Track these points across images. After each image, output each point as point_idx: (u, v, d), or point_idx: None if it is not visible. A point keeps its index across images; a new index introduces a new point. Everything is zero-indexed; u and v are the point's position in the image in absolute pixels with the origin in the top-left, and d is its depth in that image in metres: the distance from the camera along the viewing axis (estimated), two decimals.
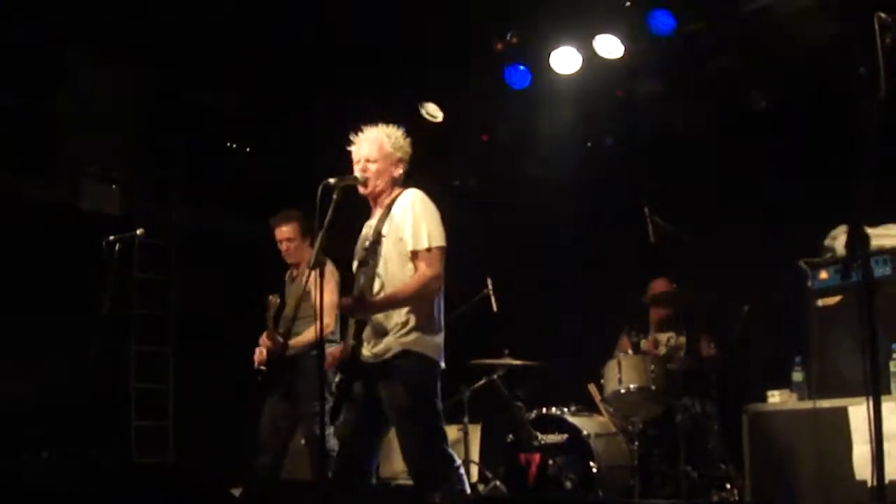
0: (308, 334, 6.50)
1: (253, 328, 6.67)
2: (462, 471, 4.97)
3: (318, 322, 4.75)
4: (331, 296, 6.59)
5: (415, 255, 4.90)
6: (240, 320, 7.39)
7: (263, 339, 6.55)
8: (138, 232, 7.27)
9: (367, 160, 5.10)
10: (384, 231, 4.99)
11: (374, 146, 5.12)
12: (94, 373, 7.58)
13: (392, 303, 4.91)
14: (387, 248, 4.97)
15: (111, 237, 7.06)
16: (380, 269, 4.96)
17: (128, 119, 8.57)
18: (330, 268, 6.69)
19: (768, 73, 7.86)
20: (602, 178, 9.20)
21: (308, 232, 6.80)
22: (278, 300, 6.60)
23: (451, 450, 4.96)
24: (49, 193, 8.69)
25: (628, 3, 7.77)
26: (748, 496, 6.55)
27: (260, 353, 6.58)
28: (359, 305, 4.88)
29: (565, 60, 8.28)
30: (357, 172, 5.10)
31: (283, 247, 6.89)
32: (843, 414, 6.00)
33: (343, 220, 4.82)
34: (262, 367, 6.55)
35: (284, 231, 6.88)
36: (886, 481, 3.32)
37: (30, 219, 8.39)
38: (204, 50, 8.27)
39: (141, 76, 8.58)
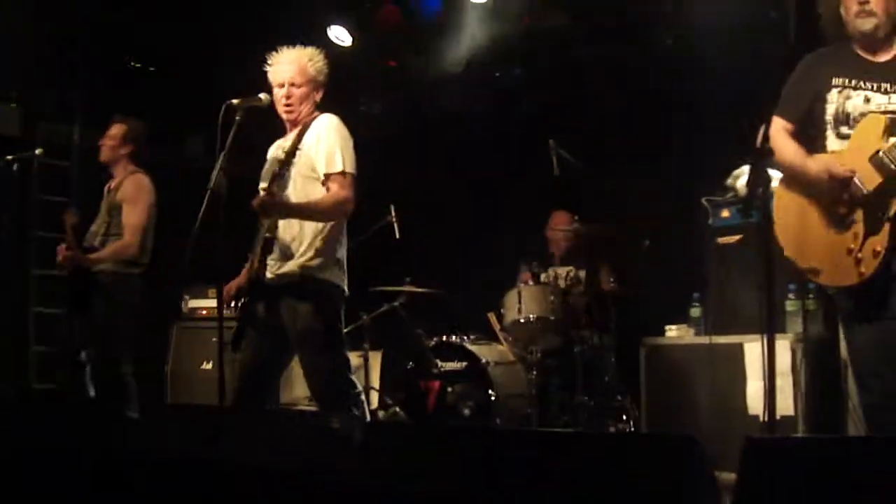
0: (109, 249, 6.51)
1: None
2: (362, 397, 4.98)
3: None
4: (141, 215, 6.56)
5: (328, 178, 4.85)
6: None
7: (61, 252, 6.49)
8: (37, 152, 7.07)
9: (293, 84, 5.00)
10: (296, 154, 4.91)
11: (297, 69, 5.02)
12: None
13: (305, 211, 4.86)
14: (298, 170, 4.90)
15: (9, 157, 6.85)
16: (289, 191, 4.89)
17: (27, 37, 8.27)
18: (146, 184, 6.65)
19: (675, 12, 7.87)
20: (508, 108, 9.18)
21: (132, 141, 6.74)
22: (76, 216, 6.52)
23: (352, 376, 4.96)
24: None
25: None
26: (644, 427, 6.68)
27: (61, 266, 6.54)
28: (272, 203, 4.77)
29: None
30: (281, 95, 5.00)
31: (106, 143, 6.79)
32: (738, 350, 6.15)
33: (245, 141, 4.73)
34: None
35: (114, 128, 6.80)
36: (777, 416, 3.41)
37: None
38: None
39: None
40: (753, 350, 6.02)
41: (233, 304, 4.93)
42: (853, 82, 4.18)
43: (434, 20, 8.65)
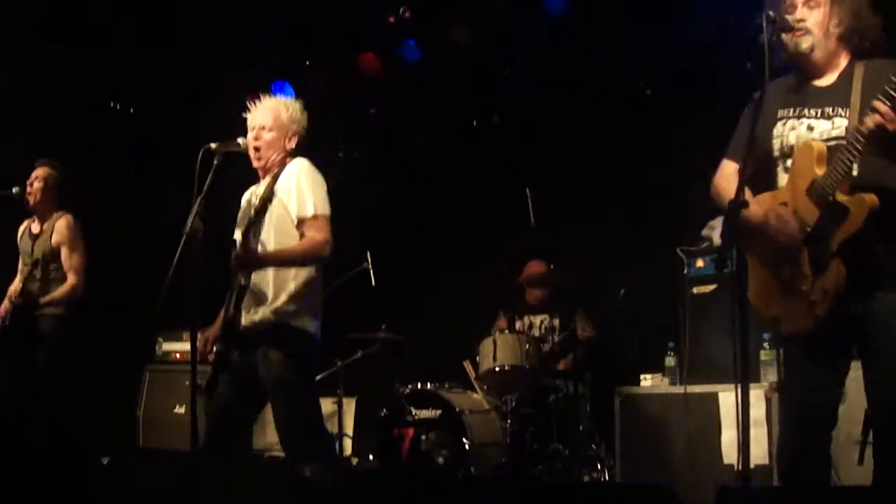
0: (60, 292, 6.56)
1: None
2: (334, 444, 4.95)
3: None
4: (83, 256, 6.63)
5: (301, 223, 4.84)
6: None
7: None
8: (14, 190, 7.08)
9: (262, 128, 5.01)
10: (271, 200, 4.91)
11: (270, 115, 5.03)
12: None
13: (282, 259, 4.84)
14: (272, 216, 4.89)
15: None
16: (264, 237, 4.88)
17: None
18: (78, 225, 6.70)
19: (654, 61, 7.96)
20: (486, 155, 9.22)
21: (60, 188, 6.79)
22: None
23: (324, 423, 4.93)
24: None
25: None
26: (619, 476, 6.66)
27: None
28: (249, 257, 4.75)
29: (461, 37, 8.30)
30: (250, 140, 5.01)
31: (34, 185, 6.81)
32: (713, 399, 6.15)
33: (222, 187, 4.73)
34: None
35: (41, 171, 6.83)
36: (752, 465, 3.38)
37: None
38: (93, 5, 8.03)
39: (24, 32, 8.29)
40: (728, 399, 6.04)
41: (212, 349, 4.90)
42: (797, 111, 3.93)
43: (413, 68, 8.71)
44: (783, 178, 3.93)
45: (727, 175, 4.15)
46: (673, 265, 6.82)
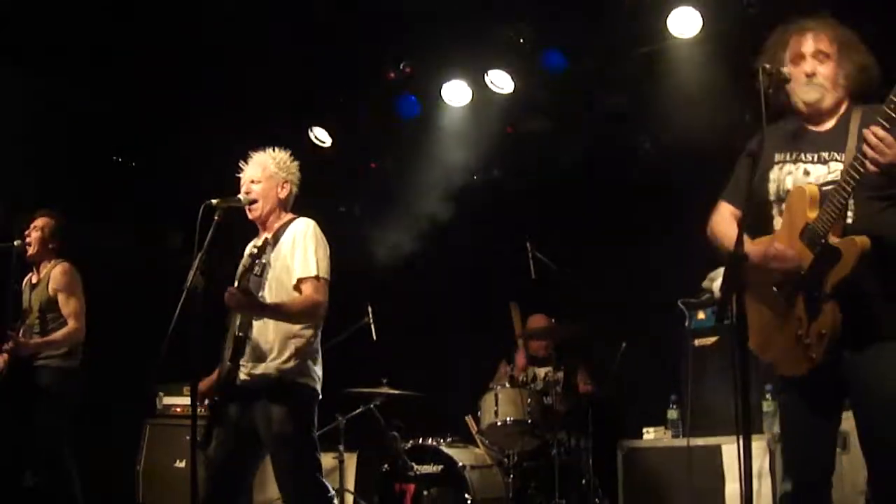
0: (59, 334, 6.58)
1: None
2: (336, 500, 4.92)
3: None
4: (80, 302, 6.62)
5: (301, 281, 4.85)
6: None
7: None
8: (15, 243, 7.09)
9: (252, 181, 5.07)
10: (271, 255, 4.93)
11: (259, 168, 5.09)
12: None
13: (279, 311, 4.84)
14: (272, 273, 4.90)
15: None
16: (264, 293, 4.88)
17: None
18: (75, 272, 6.72)
19: (654, 115, 8.01)
20: (487, 211, 9.25)
21: (59, 237, 6.82)
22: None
23: (325, 479, 4.90)
24: None
25: (521, 41, 7.83)
26: None
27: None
28: (244, 299, 4.71)
29: (457, 93, 8.35)
30: (242, 195, 5.05)
31: (32, 235, 6.82)
32: (716, 452, 6.12)
33: (222, 242, 4.74)
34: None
35: (39, 221, 6.86)
36: None
37: None
38: (93, 61, 8.08)
39: (28, 86, 8.35)
40: (731, 452, 6.01)
41: (205, 402, 4.89)
42: (794, 156, 3.97)
43: (413, 122, 8.76)
44: (779, 222, 3.96)
45: (724, 217, 4.20)
46: (674, 317, 6.82)
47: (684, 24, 7.18)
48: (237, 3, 7.57)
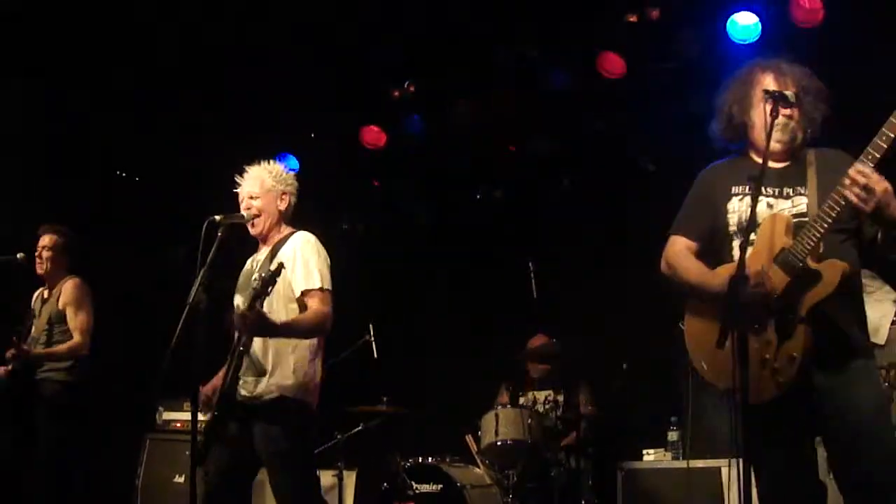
0: (63, 346, 6.63)
1: None
2: None
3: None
4: (88, 317, 6.64)
5: (306, 294, 4.84)
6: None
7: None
8: (18, 256, 7.11)
9: (250, 197, 5.06)
10: (275, 269, 4.92)
11: (256, 182, 5.08)
12: None
13: (293, 329, 4.81)
14: (275, 287, 4.90)
15: None
16: (265, 309, 4.88)
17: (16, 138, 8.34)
18: (85, 286, 6.74)
19: (654, 136, 8.03)
20: (488, 229, 9.26)
21: (70, 253, 6.88)
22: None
23: (324, 497, 4.90)
24: None
25: (523, 60, 7.87)
26: None
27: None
28: (257, 321, 4.58)
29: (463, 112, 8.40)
30: (243, 211, 5.05)
31: (43, 254, 6.86)
32: (716, 474, 6.11)
33: (225, 258, 4.75)
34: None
35: (48, 239, 6.88)
36: None
37: None
38: (96, 75, 8.12)
39: (32, 100, 8.38)
40: (731, 473, 6.00)
41: (202, 414, 4.88)
42: (753, 189, 3.93)
43: (416, 141, 8.79)
44: (736, 252, 3.93)
45: (680, 251, 4.30)
46: (675, 339, 6.80)
47: None
48: (241, 20, 7.62)
